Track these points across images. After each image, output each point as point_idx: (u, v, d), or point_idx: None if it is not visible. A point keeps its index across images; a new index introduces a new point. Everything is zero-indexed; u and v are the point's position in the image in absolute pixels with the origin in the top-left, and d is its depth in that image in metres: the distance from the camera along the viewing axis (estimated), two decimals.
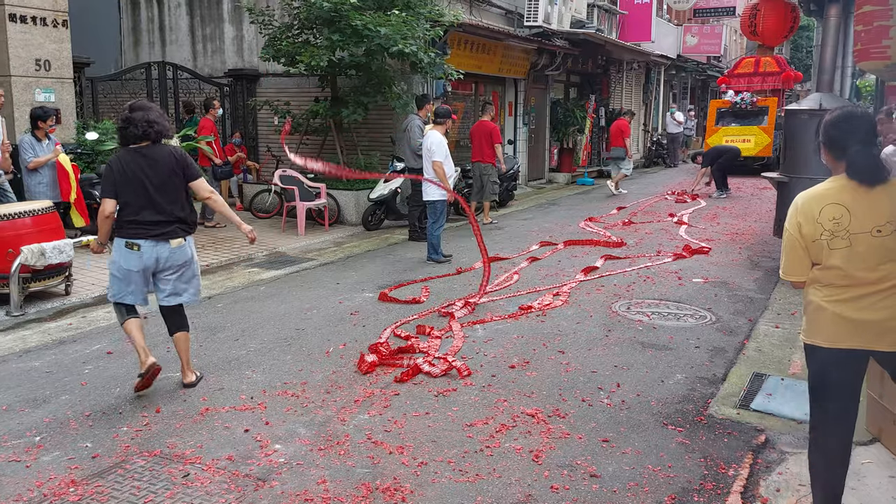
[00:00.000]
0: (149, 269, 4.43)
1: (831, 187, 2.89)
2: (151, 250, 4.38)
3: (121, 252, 4.41)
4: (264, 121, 12.98)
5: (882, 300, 2.79)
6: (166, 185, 4.40)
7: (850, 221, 2.79)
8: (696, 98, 32.31)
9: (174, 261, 4.47)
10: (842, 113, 2.95)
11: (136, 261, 4.38)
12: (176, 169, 4.43)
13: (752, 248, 9.38)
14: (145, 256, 4.38)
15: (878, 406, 3.77)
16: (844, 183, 2.85)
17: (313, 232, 10.24)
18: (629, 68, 22.64)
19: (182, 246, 4.50)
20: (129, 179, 4.33)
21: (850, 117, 2.92)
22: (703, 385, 4.74)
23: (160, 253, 4.41)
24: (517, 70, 15.27)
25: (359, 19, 9.40)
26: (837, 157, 2.90)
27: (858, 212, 2.79)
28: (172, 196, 4.42)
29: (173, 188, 4.43)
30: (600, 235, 10.23)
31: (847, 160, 2.84)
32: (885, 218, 2.78)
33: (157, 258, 4.41)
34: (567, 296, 6.89)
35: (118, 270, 4.44)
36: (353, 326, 5.94)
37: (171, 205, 4.41)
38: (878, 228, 2.77)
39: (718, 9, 27.08)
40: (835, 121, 2.93)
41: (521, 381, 4.74)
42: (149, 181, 4.34)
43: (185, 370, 4.69)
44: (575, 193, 16.03)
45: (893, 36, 3.88)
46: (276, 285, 7.45)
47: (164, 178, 4.39)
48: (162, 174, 4.38)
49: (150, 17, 14.14)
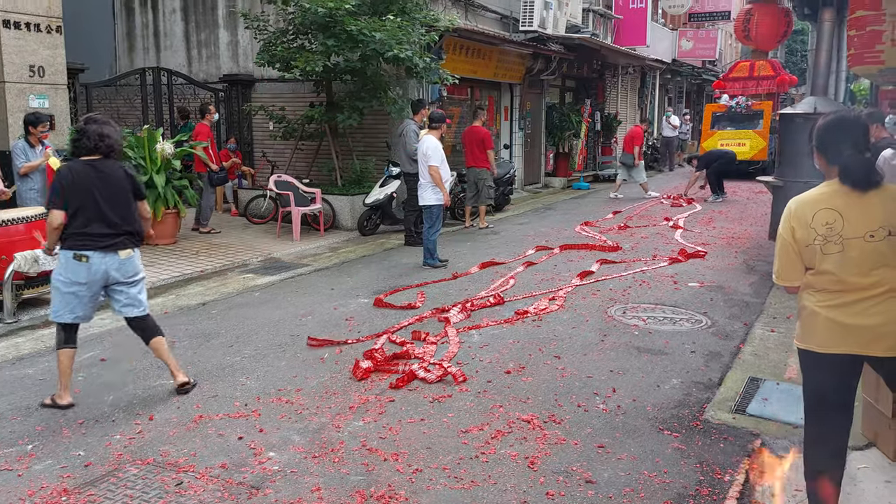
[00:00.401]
0: (97, 281, 4.36)
1: (824, 192, 2.88)
2: (100, 262, 4.33)
3: (68, 264, 4.33)
4: (259, 126, 12.97)
5: (875, 305, 2.78)
6: (116, 198, 4.38)
7: (844, 226, 2.79)
8: (692, 102, 32.37)
9: (124, 272, 4.43)
10: (834, 118, 2.95)
11: (85, 273, 4.32)
12: (125, 184, 4.43)
13: (748, 252, 9.39)
14: (94, 268, 4.32)
15: (873, 410, 3.76)
16: (837, 188, 2.85)
17: (308, 237, 10.22)
18: (624, 73, 22.68)
19: (131, 257, 4.47)
20: (80, 191, 4.29)
21: (842, 122, 2.91)
22: (698, 390, 4.73)
23: (109, 264, 4.36)
24: (513, 75, 15.28)
25: (354, 25, 9.40)
26: (830, 162, 2.90)
27: (851, 217, 2.79)
28: (121, 209, 4.40)
29: (122, 202, 4.42)
30: (596, 240, 10.23)
31: (840, 165, 2.84)
32: (877, 223, 2.77)
33: (106, 269, 4.35)
34: (563, 300, 6.88)
35: (64, 284, 4.35)
36: (349, 332, 5.92)
37: (119, 218, 4.38)
38: (871, 233, 2.77)
39: (713, 13, 27.18)
40: (827, 126, 2.93)
41: (517, 387, 4.73)
42: (99, 193, 4.32)
43: (174, 373, 4.66)
44: (571, 198, 16.04)
45: (886, 41, 3.89)
46: (270, 291, 7.43)
47: (114, 191, 4.38)
48: (112, 188, 4.37)
49: (144, 23, 14.13)
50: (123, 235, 4.41)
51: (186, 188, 9.57)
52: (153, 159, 9.17)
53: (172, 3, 13.78)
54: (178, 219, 9.58)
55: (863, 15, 3.92)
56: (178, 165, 9.41)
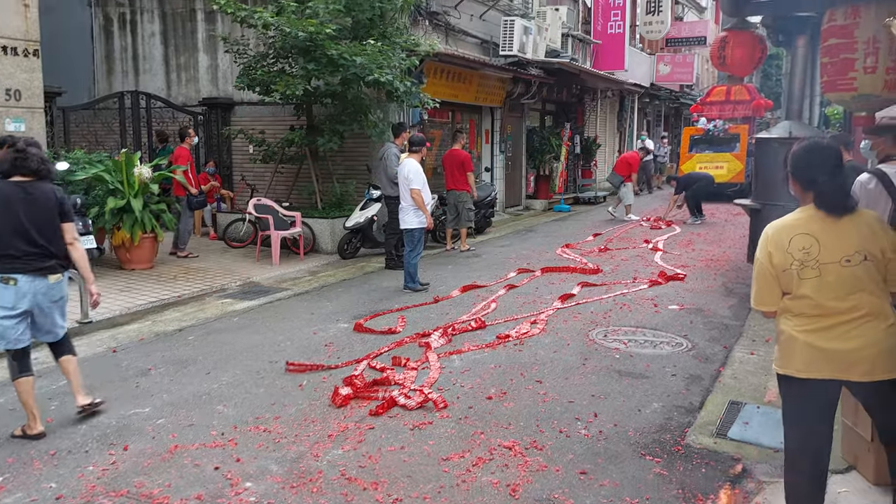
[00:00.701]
0: (26, 304, 4.28)
1: (800, 217, 2.91)
2: (29, 285, 4.26)
3: None
4: (239, 149, 12.92)
5: (852, 330, 2.80)
6: (44, 221, 4.33)
7: (820, 251, 2.81)
8: (670, 125, 32.80)
9: (52, 296, 4.37)
10: (808, 144, 2.98)
11: (12, 296, 4.24)
12: (54, 207, 4.38)
13: (727, 275, 9.45)
14: (22, 291, 4.24)
15: (853, 434, 3.77)
16: (813, 213, 2.87)
17: (288, 261, 10.15)
18: (603, 96, 22.94)
19: (60, 282, 4.42)
20: (7, 212, 4.24)
21: (816, 149, 2.95)
22: (680, 414, 4.72)
23: (38, 288, 4.29)
24: (493, 98, 15.39)
25: (334, 49, 9.43)
26: (805, 188, 2.92)
27: (827, 242, 2.81)
28: (49, 233, 4.35)
29: (51, 225, 4.36)
30: (577, 262, 10.25)
31: (815, 191, 2.87)
32: (853, 248, 2.79)
33: (34, 293, 4.28)
34: (544, 324, 6.87)
35: None
36: (328, 358, 5.86)
37: (47, 241, 4.33)
38: (847, 258, 2.79)
39: (690, 38, 27.63)
40: (801, 152, 2.96)
41: (498, 413, 4.69)
42: (27, 216, 4.26)
43: (77, 393, 4.59)
44: (552, 220, 16.10)
45: (859, 68, 3.96)
46: (249, 316, 7.35)
47: (43, 214, 4.32)
48: (41, 210, 4.32)
49: (123, 47, 14.08)
50: (53, 259, 4.35)
51: (164, 212, 9.48)
52: (130, 183, 9.08)
53: (152, 26, 13.77)
54: (155, 243, 9.47)
55: (835, 43, 4.00)
56: (155, 189, 9.33)
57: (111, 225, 8.94)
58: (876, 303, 2.81)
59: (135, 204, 8.92)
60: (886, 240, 2.84)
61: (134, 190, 9.07)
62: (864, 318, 2.79)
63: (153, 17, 13.74)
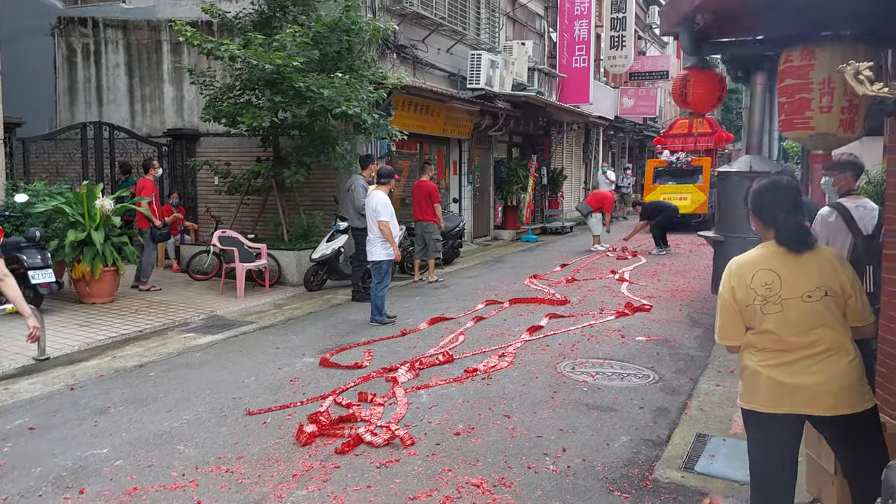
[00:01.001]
0: None
1: (762, 253, 2.95)
2: None
3: None
4: (204, 181, 12.80)
5: (815, 364, 2.83)
6: None
7: (782, 287, 2.85)
8: (634, 157, 33.39)
9: None
10: (768, 182, 3.04)
11: None
12: None
13: (692, 305, 9.56)
14: None
15: (817, 466, 3.79)
16: (774, 249, 2.92)
17: (253, 294, 10.02)
18: (569, 129, 23.29)
19: None
20: None
21: (776, 186, 3.00)
22: (647, 447, 4.72)
23: None
24: (461, 130, 15.52)
25: (302, 81, 9.43)
26: (766, 225, 2.97)
27: (789, 278, 2.85)
28: None
29: None
30: (545, 293, 10.29)
31: (775, 228, 2.91)
32: (814, 284, 2.84)
33: None
34: (512, 357, 6.85)
35: None
36: (293, 394, 5.76)
37: None
38: (808, 294, 2.83)
39: (652, 73, 28.30)
40: (762, 190, 3.02)
41: (466, 449, 4.64)
42: None
43: None
44: (520, 250, 16.18)
45: (815, 108, 4.08)
46: (212, 351, 7.21)
47: None
48: None
49: (87, 77, 13.93)
50: None
51: (126, 245, 9.32)
52: (92, 216, 8.92)
53: (116, 57, 13.66)
54: (116, 276, 9.29)
55: (792, 83, 4.12)
56: (117, 222, 9.17)
57: (71, 258, 8.76)
58: (837, 338, 2.85)
59: (96, 236, 8.75)
60: (845, 275, 2.89)
61: (95, 222, 8.91)
62: (825, 353, 2.83)
63: (118, 48, 13.63)
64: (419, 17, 13.13)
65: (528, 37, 19.49)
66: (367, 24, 10.50)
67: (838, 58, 3.57)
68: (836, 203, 4.41)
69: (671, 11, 5.04)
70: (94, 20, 13.77)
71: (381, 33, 10.74)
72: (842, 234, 4.34)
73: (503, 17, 17.76)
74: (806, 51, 4.03)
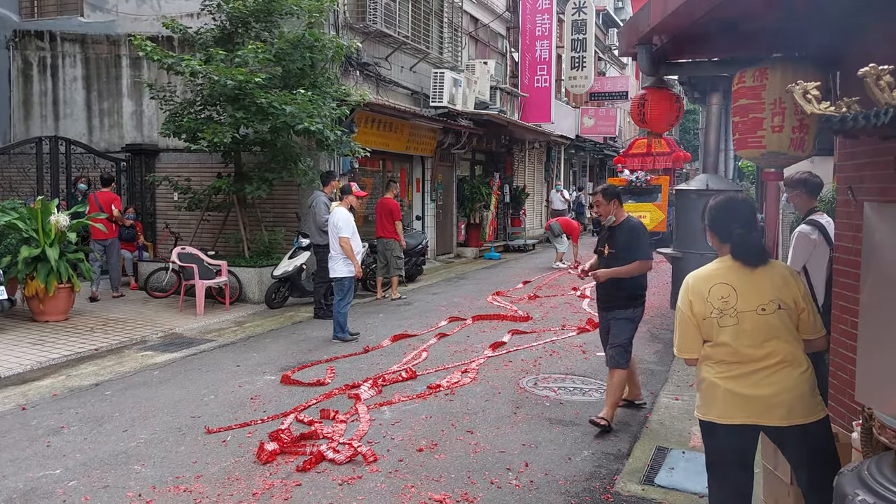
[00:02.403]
0: None
1: (719, 268, 3.02)
2: None
3: None
4: (163, 197, 12.63)
5: (769, 376, 2.90)
6: None
7: (737, 300, 2.92)
8: (595, 175, 33.86)
9: None
10: (724, 199, 3.13)
11: None
12: None
13: (652, 321, 9.69)
14: None
15: (773, 477, 3.87)
16: (730, 264, 3.00)
17: (213, 311, 9.87)
18: (531, 147, 23.54)
19: None
20: None
21: (731, 203, 3.09)
22: (609, 461, 4.76)
23: None
24: (424, 148, 15.58)
25: (264, 97, 9.39)
26: (722, 241, 3.05)
27: (744, 291, 2.93)
28: None
29: None
30: (507, 310, 10.34)
31: (731, 243, 3.00)
32: (768, 297, 2.92)
33: None
34: (475, 373, 6.86)
35: None
36: (254, 412, 5.68)
37: None
38: (763, 307, 2.91)
39: (612, 93, 28.78)
40: (718, 206, 3.10)
41: (430, 465, 4.62)
42: None
43: None
44: (483, 268, 16.24)
45: (767, 127, 4.20)
46: (171, 369, 7.07)
47: None
48: None
49: (43, 91, 13.67)
50: None
51: (82, 262, 9.12)
52: (46, 231, 8.72)
53: (74, 71, 13.44)
54: (72, 293, 9.07)
55: (745, 103, 4.24)
56: (73, 238, 8.98)
57: (24, 275, 8.54)
58: (790, 350, 2.92)
59: (50, 253, 8.56)
60: (798, 289, 2.98)
61: (50, 238, 8.71)
62: (779, 364, 2.90)
63: (76, 62, 13.42)
64: (382, 36, 13.19)
65: (491, 56, 19.72)
66: (330, 41, 10.53)
67: (789, 78, 3.69)
68: (813, 220, 4.58)
69: (629, 32, 5.16)
70: (51, 34, 13.54)
71: (344, 50, 10.77)
72: (822, 248, 4.47)
73: (465, 37, 17.95)
74: (758, 72, 4.16)
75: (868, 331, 2.65)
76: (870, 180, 3.54)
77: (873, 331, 2.60)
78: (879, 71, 2.01)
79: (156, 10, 12.65)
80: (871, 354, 2.61)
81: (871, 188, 3.54)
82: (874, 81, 2.03)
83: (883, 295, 2.53)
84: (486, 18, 19.20)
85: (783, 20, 4.10)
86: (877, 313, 2.59)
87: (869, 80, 2.03)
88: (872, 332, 2.61)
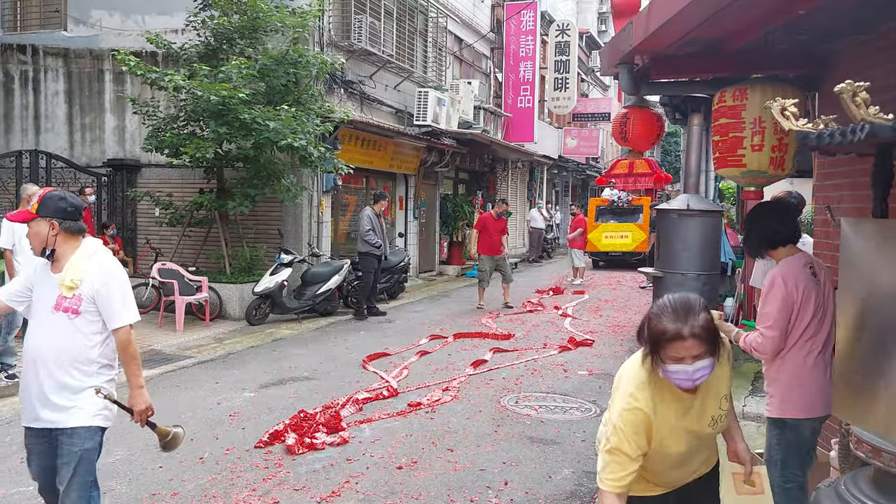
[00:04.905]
0: None
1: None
2: None
3: None
4: (144, 212, 12.52)
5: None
6: None
7: None
8: (577, 195, 34.09)
9: None
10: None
11: None
12: None
13: (633, 340, 9.70)
14: None
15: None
16: None
17: (193, 327, 9.77)
18: (514, 167, 23.67)
19: None
20: None
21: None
22: (589, 479, 4.74)
23: None
24: (408, 166, 15.61)
25: (248, 113, 9.37)
26: None
27: None
28: None
29: None
30: (489, 328, 10.32)
31: None
32: None
33: None
34: (457, 391, 6.82)
35: None
36: (233, 429, 5.60)
37: None
38: None
39: (595, 114, 29.09)
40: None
41: (409, 483, 4.58)
42: None
43: None
44: (465, 286, 16.21)
45: (747, 146, 4.26)
46: (149, 386, 6.86)
47: None
48: None
49: (24, 104, 13.56)
50: None
51: None
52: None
53: (56, 85, 13.35)
54: None
55: (725, 123, 4.31)
56: None
57: None
58: None
59: None
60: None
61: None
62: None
63: (58, 76, 13.33)
64: (367, 54, 13.25)
65: (475, 76, 19.87)
66: (315, 57, 10.55)
67: (769, 98, 3.75)
68: None
69: (611, 52, 5.23)
70: (33, 47, 13.45)
71: (328, 67, 10.79)
72: None
73: (450, 57, 18.07)
74: (738, 91, 4.23)
75: (845, 346, 2.67)
76: (848, 200, 3.60)
77: (850, 346, 2.63)
78: (856, 87, 2.05)
79: (140, 25, 12.61)
80: (847, 370, 2.64)
81: (849, 209, 3.59)
82: (850, 98, 2.06)
83: (859, 310, 2.55)
84: (470, 39, 19.36)
85: (762, 42, 4.18)
86: (853, 329, 2.61)
87: (845, 95, 2.06)
88: (849, 347, 2.63)
